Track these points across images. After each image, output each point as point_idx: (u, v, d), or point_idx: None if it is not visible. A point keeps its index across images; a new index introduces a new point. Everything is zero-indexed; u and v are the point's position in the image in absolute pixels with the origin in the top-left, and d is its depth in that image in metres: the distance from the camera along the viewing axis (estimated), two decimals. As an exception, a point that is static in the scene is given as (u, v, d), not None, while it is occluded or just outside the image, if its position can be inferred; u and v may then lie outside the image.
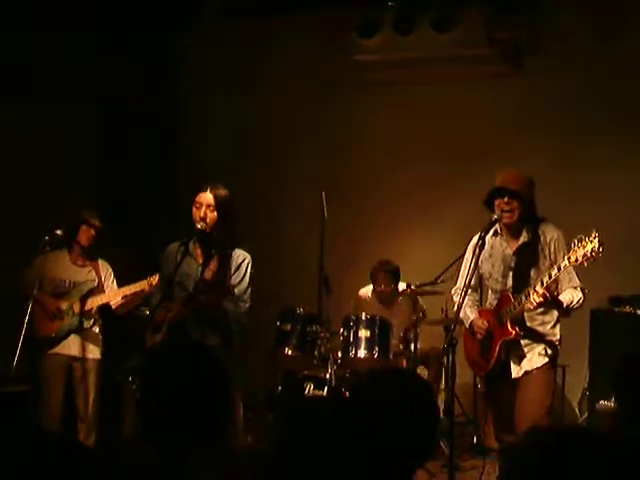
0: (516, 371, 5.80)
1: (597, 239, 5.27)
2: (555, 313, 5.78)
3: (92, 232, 7.16)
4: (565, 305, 5.69)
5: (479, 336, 5.90)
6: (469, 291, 5.84)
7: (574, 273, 5.73)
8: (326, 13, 9.61)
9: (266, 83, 10.09)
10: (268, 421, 7.82)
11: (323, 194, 7.62)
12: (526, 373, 5.76)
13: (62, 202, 8.29)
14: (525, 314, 5.74)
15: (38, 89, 8.61)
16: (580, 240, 5.32)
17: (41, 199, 8.53)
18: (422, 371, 8.36)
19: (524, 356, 5.78)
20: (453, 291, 6.18)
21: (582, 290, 5.74)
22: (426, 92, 9.58)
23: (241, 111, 10.15)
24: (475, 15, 8.75)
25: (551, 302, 5.61)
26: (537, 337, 5.79)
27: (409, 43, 9.03)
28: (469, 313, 5.96)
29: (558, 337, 5.87)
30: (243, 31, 10.07)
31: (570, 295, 5.71)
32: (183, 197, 9.49)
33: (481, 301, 6.19)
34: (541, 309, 5.71)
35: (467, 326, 5.99)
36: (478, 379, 6.54)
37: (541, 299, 5.52)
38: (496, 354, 5.81)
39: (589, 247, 5.28)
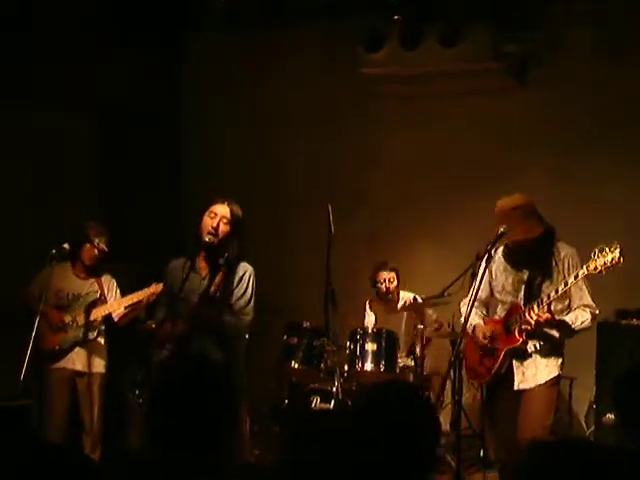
0: (518, 382, 5.77)
1: (618, 250, 5.29)
2: (572, 316, 5.75)
3: (95, 252, 7.17)
4: (568, 325, 5.68)
5: (481, 340, 5.88)
6: (477, 304, 5.84)
7: (587, 292, 5.71)
8: (330, 25, 9.65)
9: (271, 96, 10.11)
10: (275, 434, 7.81)
11: (329, 208, 7.62)
12: (530, 389, 5.75)
13: (62, 204, 8.33)
14: None
15: (38, 89, 8.61)
16: (601, 250, 5.34)
17: (40, 200, 8.56)
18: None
19: (529, 368, 5.77)
20: (462, 303, 6.17)
21: (592, 312, 5.72)
22: (432, 105, 9.59)
23: (244, 121, 10.18)
24: (481, 30, 8.76)
25: (551, 322, 5.61)
26: (546, 344, 5.77)
27: (415, 57, 9.04)
28: (473, 320, 5.95)
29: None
30: (244, 40, 10.08)
31: (575, 315, 5.70)
32: (185, 199, 9.57)
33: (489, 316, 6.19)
34: (559, 306, 5.70)
35: (470, 332, 5.97)
36: (477, 389, 6.53)
37: (543, 316, 5.54)
38: (499, 363, 5.80)
39: (609, 257, 5.30)
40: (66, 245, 6.87)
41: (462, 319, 5.98)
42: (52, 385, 7.17)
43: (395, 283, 8.56)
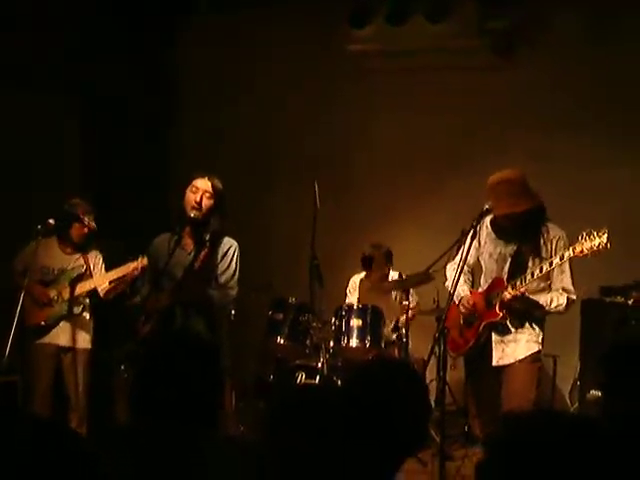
0: (497, 358, 5.81)
1: (606, 235, 5.33)
2: (547, 298, 5.78)
3: (85, 231, 7.17)
4: (541, 305, 5.71)
5: (464, 310, 5.92)
6: (465, 269, 5.88)
7: (569, 275, 5.75)
8: (316, 2, 9.62)
9: (256, 74, 10.08)
10: (260, 410, 7.83)
11: (316, 184, 7.62)
12: (510, 365, 5.78)
13: (57, 199, 8.32)
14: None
15: (37, 86, 8.61)
16: (589, 234, 5.38)
17: (36, 195, 8.53)
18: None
19: (509, 344, 5.80)
20: (448, 266, 6.20)
21: (569, 297, 5.75)
22: (417, 82, 9.58)
23: (234, 103, 10.15)
24: (467, 6, 8.75)
25: (525, 301, 5.65)
26: (525, 321, 5.80)
27: (401, 34, 9.02)
28: (461, 290, 5.98)
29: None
30: (229, 24, 10.06)
31: (550, 297, 5.73)
32: (171, 176, 9.55)
33: (473, 284, 6.22)
34: (542, 285, 5.74)
35: (456, 301, 6.00)
36: (453, 358, 6.59)
37: (515, 293, 5.59)
38: (477, 335, 5.84)
39: (597, 241, 5.33)
40: (51, 220, 6.84)
41: (448, 283, 6.03)
42: (37, 361, 7.17)
43: (386, 269, 8.53)
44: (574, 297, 5.81)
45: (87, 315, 7.29)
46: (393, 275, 8.53)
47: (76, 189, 8.58)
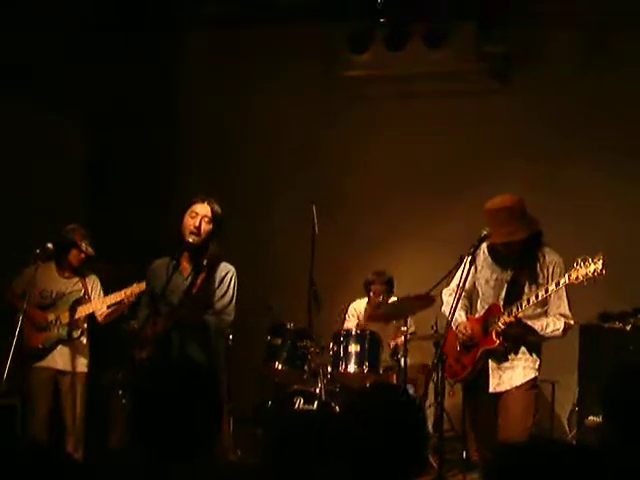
0: (494, 385, 5.79)
1: (601, 261, 5.30)
2: (543, 323, 5.77)
3: (82, 256, 7.19)
4: (536, 331, 5.70)
5: (461, 337, 5.90)
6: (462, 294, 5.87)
7: (565, 301, 5.73)
8: (315, 27, 9.65)
9: (254, 97, 10.09)
10: (258, 436, 7.81)
11: (314, 207, 7.63)
12: (507, 392, 5.76)
13: (53, 202, 8.33)
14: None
15: (37, 88, 8.63)
16: (584, 260, 5.36)
17: (31, 195, 8.54)
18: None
19: (506, 371, 5.78)
20: (445, 291, 6.19)
21: (566, 322, 5.74)
22: (416, 107, 9.61)
23: (230, 125, 10.19)
24: (465, 31, 8.79)
25: (520, 325, 5.64)
26: (521, 347, 5.79)
27: (400, 59, 9.05)
28: (458, 315, 5.97)
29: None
30: (230, 42, 10.09)
31: (546, 322, 5.71)
32: (171, 199, 9.55)
33: (470, 310, 6.21)
34: (538, 310, 5.73)
35: (454, 327, 5.98)
36: (451, 385, 6.57)
37: (511, 320, 5.58)
38: (474, 362, 5.82)
39: (592, 268, 5.31)
40: (50, 245, 6.86)
41: (444, 308, 6.02)
42: (35, 384, 7.16)
43: (387, 298, 8.52)
44: (572, 322, 5.79)
45: (84, 339, 7.30)
46: (393, 301, 8.53)
47: (76, 200, 8.61)
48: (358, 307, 8.75)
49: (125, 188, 9.73)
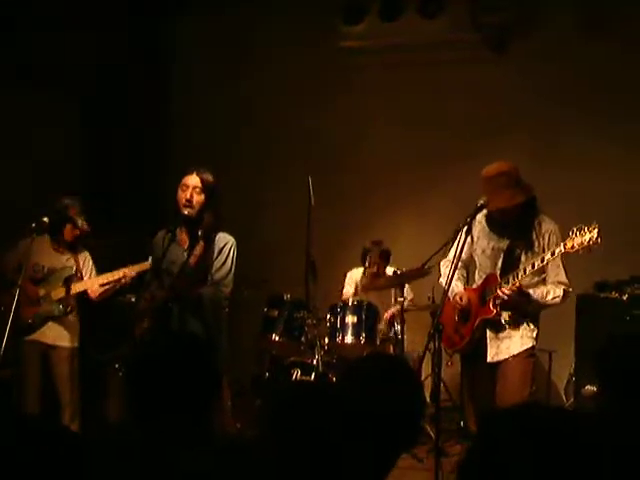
0: (492, 355, 5.80)
1: (596, 230, 5.30)
2: (543, 290, 5.77)
3: (77, 232, 7.16)
4: (537, 298, 5.70)
5: (458, 307, 5.91)
6: (459, 265, 5.86)
7: (563, 269, 5.74)
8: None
9: (251, 69, 10.07)
10: (256, 407, 7.83)
11: (309, 179, 7.60)
12: (504, 360, 5.77)
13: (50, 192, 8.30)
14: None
15: (37, 78, 8.61)
16: (579, 229, 5.36)
17: (29, 187, 8.51)
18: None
19: (503, 340, 5.79)
20: (442, 262, 6.20)
21: (565, 289, 5.75)
22: (412, 77, 9.58)
23: (228, 96, 10.15)
24: (461, 1, 8.76)
25: (520, 294, 5.64)
26: (519, 317, 5.80)
27: (394, 29, 9.02)
28: (455, 286, 5.97)
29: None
30: (227, 20, 10.06)
31: (546, 290, 5.71)
32: (170, 171, 9.55)
33: (468, 280, 6.22)
34: (536, 279, 5.73)
35: (451, 298, 5.99)
36: (450, 355, 6.58)
37: (510, 291, 5.58)
38: (471, 332, 5.84)
39: (587, 236, 5.31)
40: (45, 219, 6.83)
41: (442, 279, 6.03)
42: (25, 357, 7.15)
43: (383, 267, 8.53)
44: (570, 289, 5.81)
45: (74, 315, 7.27)
46: (388, 271, 8.53)
47: (77, 185, 8.59)
48: (355, 276, 8.76)
49: (117, 161, 9.73)
